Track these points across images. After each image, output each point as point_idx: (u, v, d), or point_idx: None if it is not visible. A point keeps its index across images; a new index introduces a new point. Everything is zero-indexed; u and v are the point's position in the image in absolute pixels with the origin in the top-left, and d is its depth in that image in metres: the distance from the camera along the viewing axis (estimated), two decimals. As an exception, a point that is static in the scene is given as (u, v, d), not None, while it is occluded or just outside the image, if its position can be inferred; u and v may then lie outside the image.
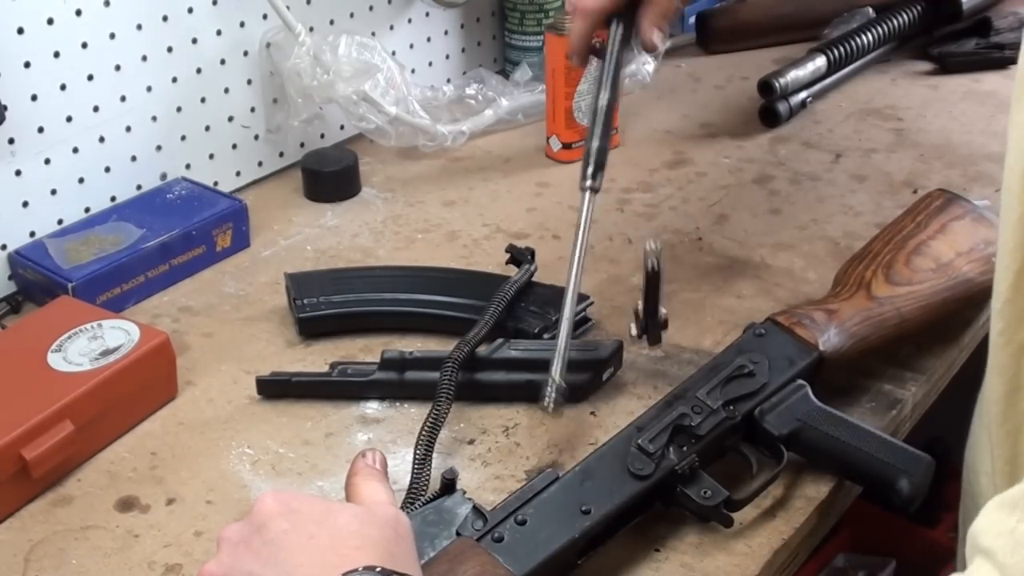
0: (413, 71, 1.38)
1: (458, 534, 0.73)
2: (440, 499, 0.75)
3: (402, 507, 0.80)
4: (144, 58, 1.14)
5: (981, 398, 0.78)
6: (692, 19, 1.59)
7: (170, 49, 1.16)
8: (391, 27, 1.36)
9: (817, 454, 0.84)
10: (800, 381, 0.86)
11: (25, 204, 1.08)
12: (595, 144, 0.92)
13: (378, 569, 0.60)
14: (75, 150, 1.11)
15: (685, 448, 0.80)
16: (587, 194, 0.91)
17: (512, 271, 1.03)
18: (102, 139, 1.13)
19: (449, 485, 0.75)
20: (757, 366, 0.86)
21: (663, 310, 0.89)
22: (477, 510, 0.74)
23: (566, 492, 0.76)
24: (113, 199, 1.15)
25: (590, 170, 0.91)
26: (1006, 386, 0.69)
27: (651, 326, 0.90)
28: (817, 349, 0.88)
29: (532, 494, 0.75)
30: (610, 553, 0.79)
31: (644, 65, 1.43)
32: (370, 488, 0.70)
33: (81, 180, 1.12)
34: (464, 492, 0.75)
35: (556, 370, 0.83)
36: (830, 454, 0.84)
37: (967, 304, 0.95)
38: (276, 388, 0.94)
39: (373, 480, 0.71)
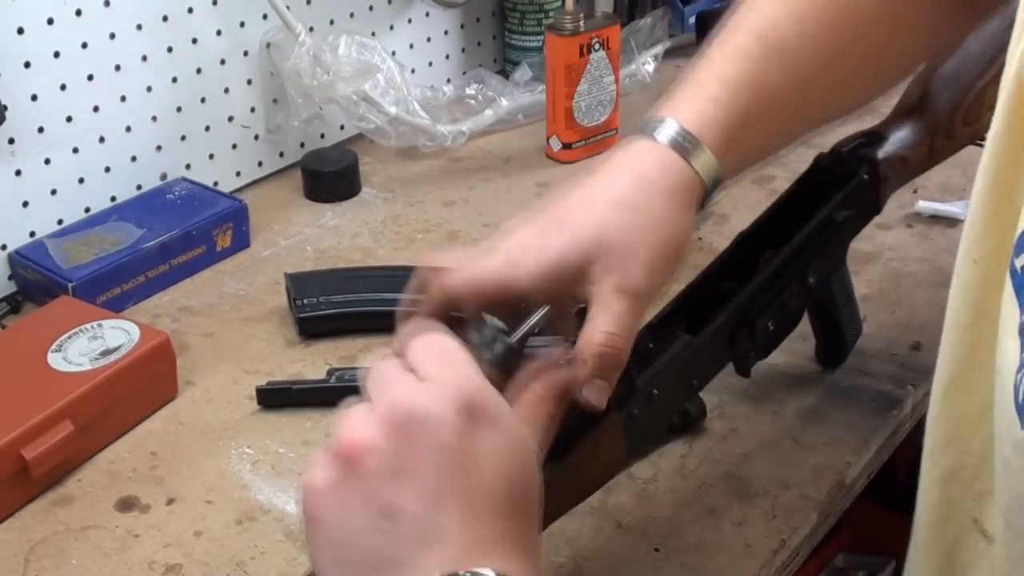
0: (413, 71, 1.38)
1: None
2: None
3: None
4: (144, 58, 1.14)
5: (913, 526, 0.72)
6: (692, 19, 1.58)
7: (170, 49, 1.16)
8: (391, 27, 1.36)
9: (816, 307, 0.89)
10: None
11: (25, 204, 1.08)
12: None
13: None
14: (75, 150, 1.11)
15: (774, 321, 0.79)
16: None
17: (512, 271, 1.03)
18: (102, 139, 1.13)
19: None
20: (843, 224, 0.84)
21: None
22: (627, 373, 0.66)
23: (686, 367, 0.72)
24: (113, 199, 1.15)
25: None
26: (932, 515, 0.64)
27: None
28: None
29: (666, 361, 0.71)
30: (610, 553, 0.79)
31: (644, 65, 1.43)
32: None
33: (81, 180, 1.12)
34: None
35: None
36: (824, 313, 0.90)
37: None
38: (277, 397, 0.94)
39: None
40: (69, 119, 1.10)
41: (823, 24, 0.73)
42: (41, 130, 1.08)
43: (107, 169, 1.14)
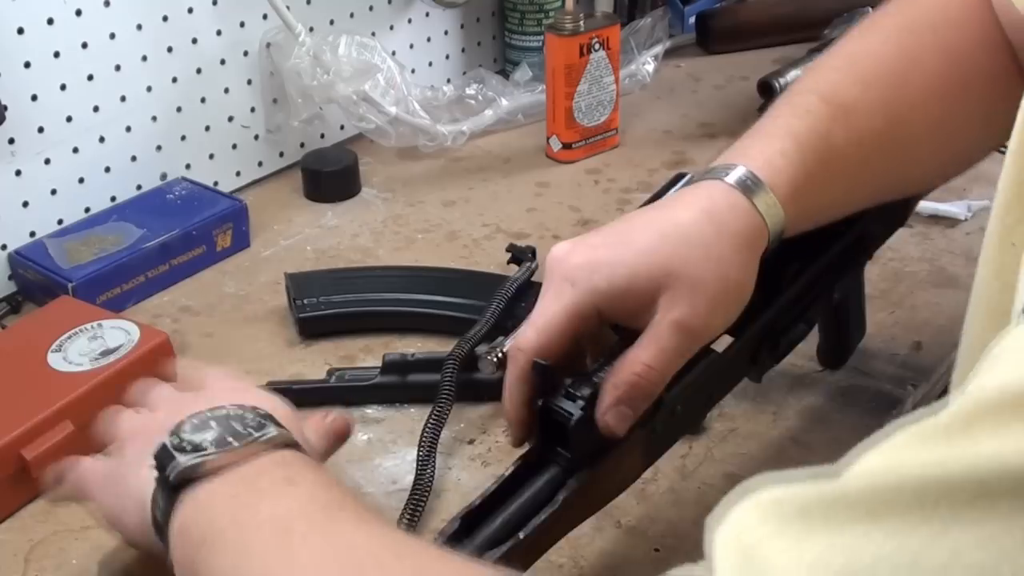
0: (413, 71, 1.38)
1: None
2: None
3: (406, 506, 0.80)
4: (144, 58, 1.14)
5: None
6: (692, 19, 1.59)
7: (170, 49, 1.16)
8: (391, 27, 1.36)
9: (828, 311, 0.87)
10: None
11: (25, 204, 1.08)
12: None
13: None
14: (75, 150, 1.11)
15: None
16: None
17: (513, 271, 1.03)
18: (102, 139, 1.13)
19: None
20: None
21: None
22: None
23: (707, 382, 0.72)
24: (113, 199, 1.15)
25: None
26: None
27: None
28: None
29: (690, 384, 0.69)
30: (610, 553, 0.79)
31: (644, 65, 1.43)
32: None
33: (81, 180, 1.12)
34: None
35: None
36: (835, 317, 0.88)
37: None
38: (276, 398, 0.94)
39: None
40: (69, 119, 1.10)
41: (887, 89, 0.73)
42: (41, 130, 1.08)
43: (107, 169, 1.14)
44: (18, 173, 1.07)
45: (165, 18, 1.14)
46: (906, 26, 0.77)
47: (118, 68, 1.12)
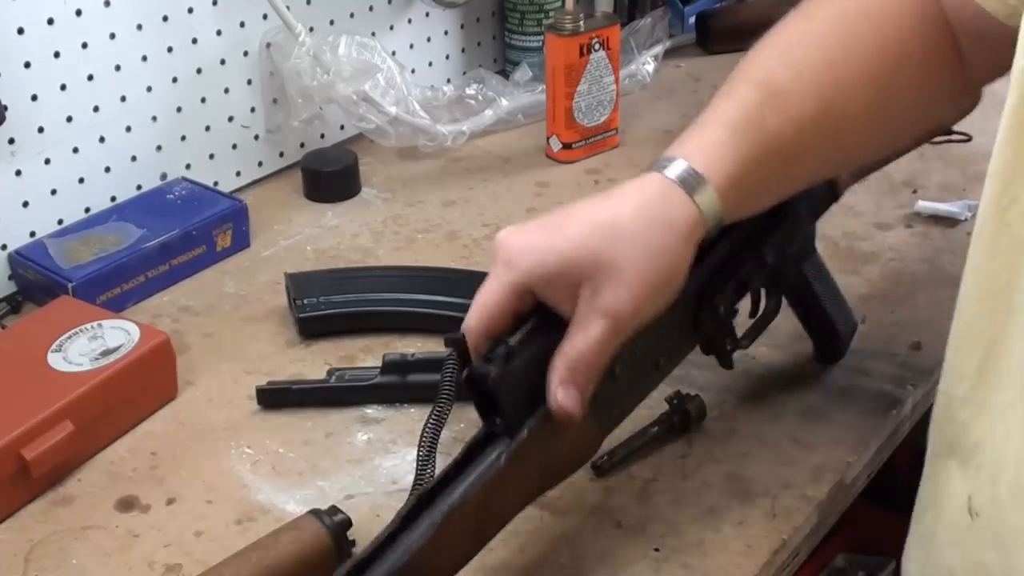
0: (413, 71, 1.38)
1: None
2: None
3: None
4: (144, 58, 1.14)
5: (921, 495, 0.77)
6: (692, 19, 1.59)
7: (170, 49, 1.16)
8: (391, 27, 1.36)
9: (797, 299, 0.91)
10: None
11: (25, 204, 1.08)
12: None
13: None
14: (75, 150, 1.11)
15: (735, 299, 0.82)
16: None
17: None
18: (102, 139, 1.13)
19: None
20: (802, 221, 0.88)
21: None
22: None
23: (647, 346, 0.74)
24: (113, 199, 1.15)
25: None
26: (976, 300, 0.68)
27: None
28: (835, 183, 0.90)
29: (623, 350, 0.72)
30: (610, 553, 0.79)
31: (644, 65, 1.43)
32: None
33: (81, 180, 1.12)
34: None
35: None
36: (806, 304, 0.91)
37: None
38: (276, 397, 0.94)
39: None
40: (69, 119, 1.10)
41: (820, 74, 0.76)
42: (41, 130, 1.08)
43: (107, 169, 1.14)
44: (18, 173, 1.07)
45: (165, 18, 1.14)
46: (840, 13, 0.79)
47: (118, 68, 1.12)
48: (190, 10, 1.16)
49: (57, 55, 1.07)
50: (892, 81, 0.78)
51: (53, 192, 1.10)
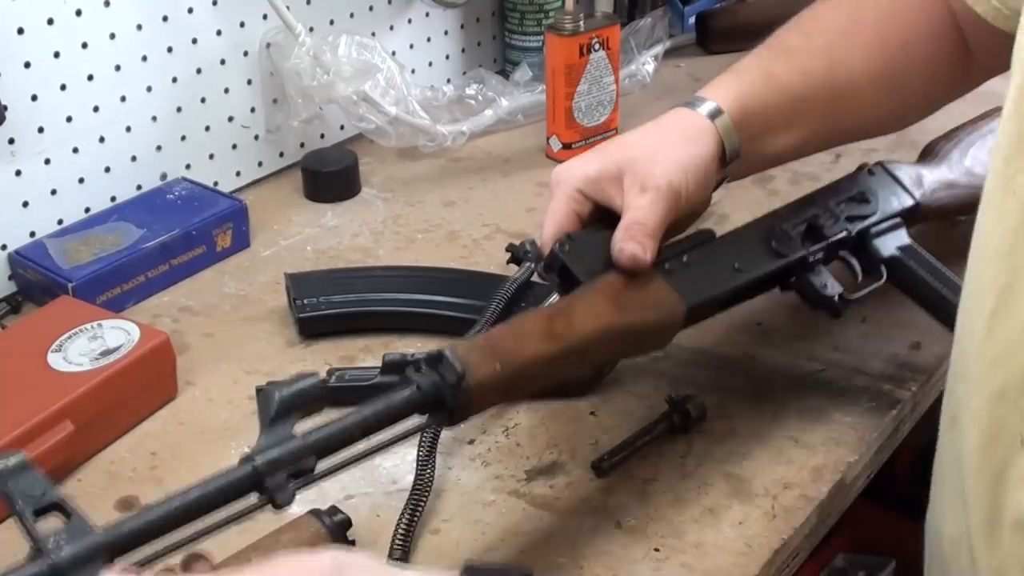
0: (413, 71, 1.38)
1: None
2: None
3: (406, 506, 0.80)
4: (144, 58, 1.14)
5: (940, 459, 0.77)
6: (692, 19, 1.59)
7: (170, 49, 1.16)
8: (391, 27, 1.36)
9: (906, 283, 0.94)
10: (899, 219, 0.96)
11: (25, 204, 1.08)
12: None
13: None
14: (75, 150, 1.11)
15: (812, 244, 0.89)
16: None
17: (512, 271, 1.03)
18: (102, 139, 1.13)
19: None
20: (873, 195, 0.95)
21: None
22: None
23: (722, 251, 0.86)
24: (113, 199, 1.15)
25: None
26: (981, 437, 0.67)
27: None
28: (915, 198, 0.97)
29: (692, 245, 0.85)
30: (610, 553, 0.79)
31: (644, 65, 1.43)
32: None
33: (81, 180, 1.12)
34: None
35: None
36: (916, 286, 0.94)
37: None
38: (276, 397, 0.94)
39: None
40: (69, 119, 1.10)
41: (829, 39, 0.88)
42: (41, 130, 1.08)
43: (107, 169, 1.14)
44: (18, 173, 1.07)
45: (165, 18, 1.14)
46: None
47: (118, 68, 1.12)
48: (190, 10, 1.16)
49: (57, 55, 1.07)
50: (899, 52, 0.88)
51: (53, 192, 1.10)
